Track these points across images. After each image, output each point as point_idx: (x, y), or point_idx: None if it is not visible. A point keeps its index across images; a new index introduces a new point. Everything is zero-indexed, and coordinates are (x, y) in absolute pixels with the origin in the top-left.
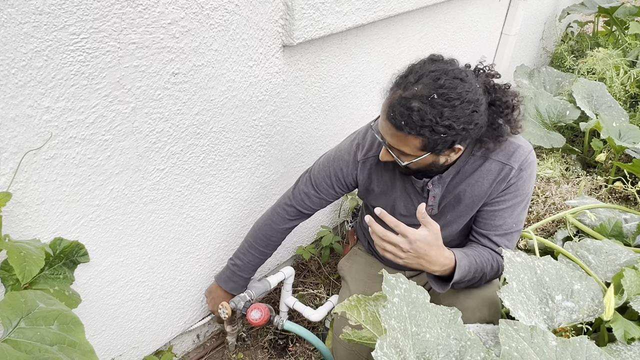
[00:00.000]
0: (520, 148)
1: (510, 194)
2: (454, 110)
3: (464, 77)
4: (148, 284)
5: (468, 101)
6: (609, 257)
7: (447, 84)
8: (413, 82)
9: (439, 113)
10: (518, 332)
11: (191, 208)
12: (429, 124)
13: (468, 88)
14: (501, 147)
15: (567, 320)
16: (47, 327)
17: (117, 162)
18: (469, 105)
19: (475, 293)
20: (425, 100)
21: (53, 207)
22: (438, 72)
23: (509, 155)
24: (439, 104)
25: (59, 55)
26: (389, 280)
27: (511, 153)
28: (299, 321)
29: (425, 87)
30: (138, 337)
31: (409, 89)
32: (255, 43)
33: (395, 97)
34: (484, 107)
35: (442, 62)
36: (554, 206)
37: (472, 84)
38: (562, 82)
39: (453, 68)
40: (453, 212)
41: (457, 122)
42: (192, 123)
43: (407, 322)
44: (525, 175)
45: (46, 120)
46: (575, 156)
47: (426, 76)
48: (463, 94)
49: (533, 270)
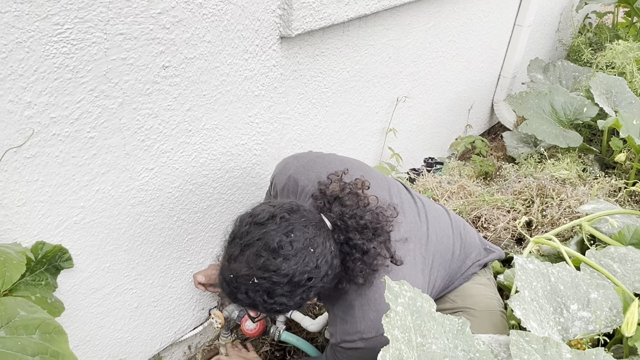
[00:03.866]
0: (354, 326)
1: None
2: (282, 290)
3: (298, 239)
4: (136, 291)
5: (302, 272)
6: (635, 266)
7: (268, 265)
8: (237, 254)
9: (267, 293)
10: (530, 343)
11: (182, 210)
12: (260, 304)
13: (301, 256)
14: (344, 307)
15: (583, 331)
16: (28, 336)
17: (103, 161)
18: (303, 276)
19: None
20: (247, 282)
21: (35, 209)
22: (259, 246)
23: (344, 321)
24: (264, 286)
25: (41, 47)
26: (392, 287)
27: (345, 322)
28: (297, 331)
29: (246, 265)
30: (125, 348)
31: (232, 261)
32: (251, 34)
33: (224, 269)
34: (327, 266)
35: (269, 223)
36: (569, 209)
37: (311, 245)
38: (579, 77)
39: (276, 233)
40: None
41: (293, 297)
42: (184, 119)
43: (412, 332)
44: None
45: (28, 116)
46: (593, 156)
47: (249, 247)
48: (292, 267)
49: (547, 278)
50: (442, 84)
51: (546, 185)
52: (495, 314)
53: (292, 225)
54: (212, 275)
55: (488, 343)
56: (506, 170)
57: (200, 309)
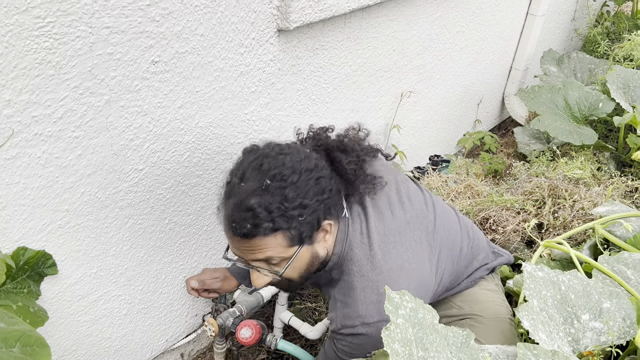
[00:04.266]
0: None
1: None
2: (296, 187)
3: (287, 150)
4: (125, 297)
5: (307, 170)
6: None
7: (272, 165)
8: (238, 182)
9: (283, 197)
10: (538, 357)
11: (174, 213)
12: (278, 213)
13: (297, 157)
14: (344, 292)
15: (594, 342)
16: (7, 350)
17: (89, 162)
18: (310, 174)
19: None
20: (260, 192)
21: (16, 213)
22: (258, 160)
23: (345, 305)
24: (277, 188)
25: (21, 42)
26: (392, 298)
27: (346, 305)
28: (295, 338)
29: (253, 179)
30: (114, 357)
31: (238, 191)
32: (247, 27)
33: (229, 207)
34: (327, 170)
35: (257, 150)
36: (582, 211)
37: (301, 151)
38: (594, 70)
39: (270, 149)
40: None
41: (307, 197)
42: (175, 117)
43: (413, 346)
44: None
45: (7, 115)
46: (609, 154)
47: (248, 170)
48: (296, 165)
49: (557, 287)
50: (450, 77)
51: (558, 186)
52: (503, 321)
53: (280, 146)
54: (207, 280)
55: (495, 354)
56: (516, 168)
57: (193, 316)
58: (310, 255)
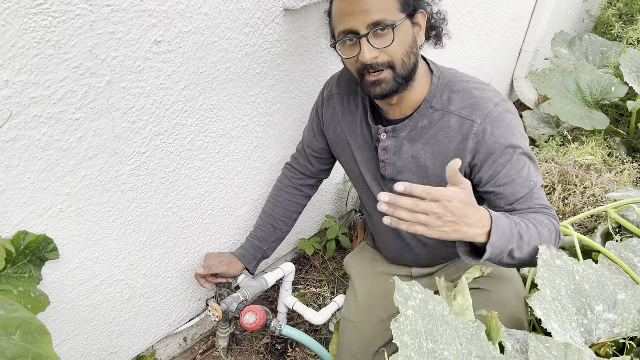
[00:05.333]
0: (482, 100)
1: (494, 161)
2: None
3: None
4: (128, 282)
5: None
6: None
7: None
8: None
9: None
10: (550, 350)
11: (177, 197)
12: None
13: None
14: (462, 99)
15: (607, 334)
16: (7, 337)
17: (91, 145)
18: None
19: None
20: None
21: (16, 197)
22: None
23: (471, 107)
24: None
25: (19, 20)
26: (402, 290)
27: (473, 105)
28: (299, 323)
29: None
30: (117, 342)
31: None
32: (252, 6)
33: None
34: None
35: None
36: (593, 198)
37: None
38: (607, 53)
39: None
40: (417, 178)
41: None
42: (179, 99)
43: (423, 338)
44: (498, 132)
45: (5, 96)
46: (620, 139)
47: None
48: None
49: (572, 276)
50: (459, 59)
51: (569, 172)
52: (517, 283)
53: None
54: (212, 265)
55: (523, 341)
56: None
57: (197, 300)
58: (412, 35)
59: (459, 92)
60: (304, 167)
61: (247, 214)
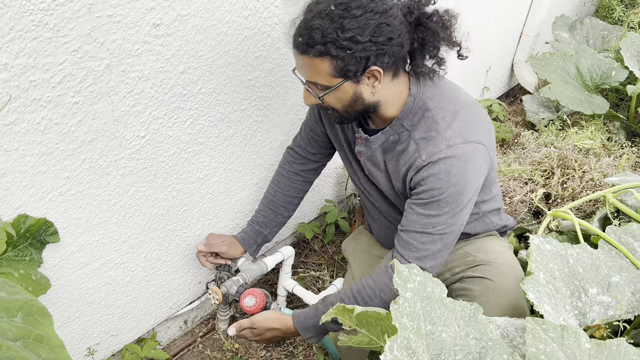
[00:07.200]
0: (439, 137)
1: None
2: (355, 21)
3: None
4: (128, 265)
5: (372, 11)
6: None
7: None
8: (315, 2)
9: (339, 25)
10: (547, 332)
11: (177, 180)
12: (330, 39)
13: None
14: (425, 128)
15: (601, 316)
16: (9, 319)
17: (90, 128)
18: (374, 16)
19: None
20: (323, 14)
21: (16, 180)
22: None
23: (426, 141)
24: (337, 16)
25: (17, 2)
26: (401, 272)
27: (428, 139)
28: (298, 306)
29: (325, 2)
30: (117, 324)
31: (310, 9)
32: None
33: (301, 20)
34: (398, 21)
35: None
36: (592, 182)
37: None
38: (608, 37)
39: None
40: (382, 181)
41: (362, 34)
42: (177, 83)
43: (421, 320)
44: (432, 177)
45: (4, 79)
46: (619, 124)
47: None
48: (365, 3)
49: (565, 260)
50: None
51: (568, 156)
52: (516, 269)
53: None
54: (214, 243)
55: (503, 327)
56: (525, 138)
57: (197, 283)
58: (354, 93)
59: (427, 120)
60: (304, 150)
61: (247, 198)
